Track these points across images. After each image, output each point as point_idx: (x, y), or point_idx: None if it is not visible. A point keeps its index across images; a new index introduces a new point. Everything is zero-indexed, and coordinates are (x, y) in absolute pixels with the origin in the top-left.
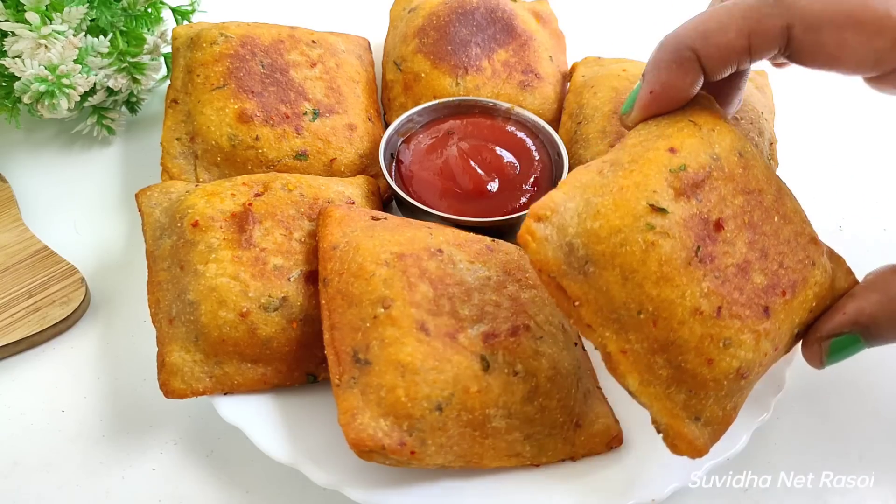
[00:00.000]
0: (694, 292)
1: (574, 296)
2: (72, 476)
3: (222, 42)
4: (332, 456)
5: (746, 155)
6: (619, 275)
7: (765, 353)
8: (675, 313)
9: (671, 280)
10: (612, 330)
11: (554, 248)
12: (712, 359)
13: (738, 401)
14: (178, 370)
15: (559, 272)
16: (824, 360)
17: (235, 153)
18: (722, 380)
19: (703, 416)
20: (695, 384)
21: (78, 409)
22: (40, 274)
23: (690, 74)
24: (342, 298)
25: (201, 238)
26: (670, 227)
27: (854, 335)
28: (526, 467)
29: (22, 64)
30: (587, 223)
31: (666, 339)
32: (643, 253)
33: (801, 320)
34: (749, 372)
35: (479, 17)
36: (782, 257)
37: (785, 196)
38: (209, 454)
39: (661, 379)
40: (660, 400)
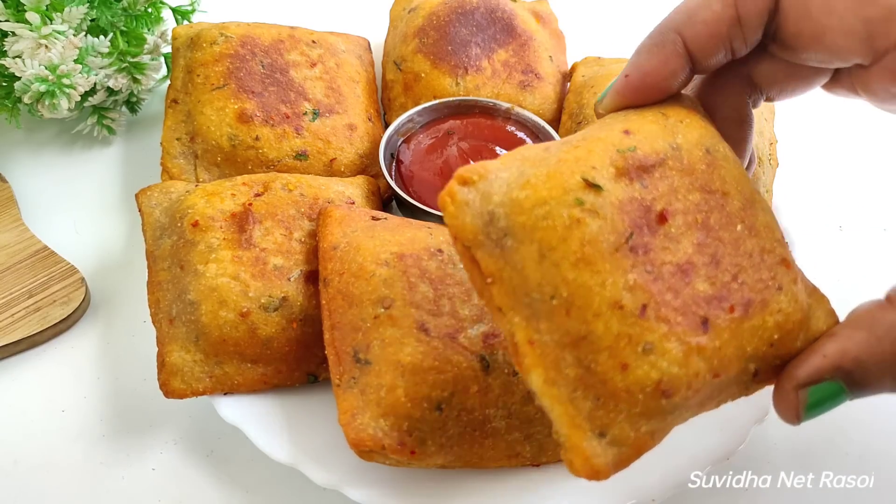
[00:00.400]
0: (617, 282)
1: (487, 271)
2: (72, 475)
3: (222, 42)
4: (332, 456)
5: (716, 153)
6: (536, 251)
7: (697, 374)
8: (592, 303)
9: (592, 264)
10: (522, 315)
11: (473, 215)
12: (627, 364)
13: (658, 427)
14: (179, 370)
15: (475, 242)
16: (801, 414)
17: (235, 153)
18: (636, 392)
19: (610, 432)
20: (604, 391)
21: (78, 409)
22: (40, 274)
23: (672, 60)
24: (342, 298)
25: (201, 238)
26: (602, 207)
27: (836, 383)
28: (526, 467)
29: (22, 64)
30: (514, 192)
31: (578, 333)
32: (565, 229)
33: (755, 352)
34: (673, 391)
35: (479, 17)
36: (738, 270)
37: (758, 209)
38: (209, 454)
39: (567, 379)
40: (562, 404)
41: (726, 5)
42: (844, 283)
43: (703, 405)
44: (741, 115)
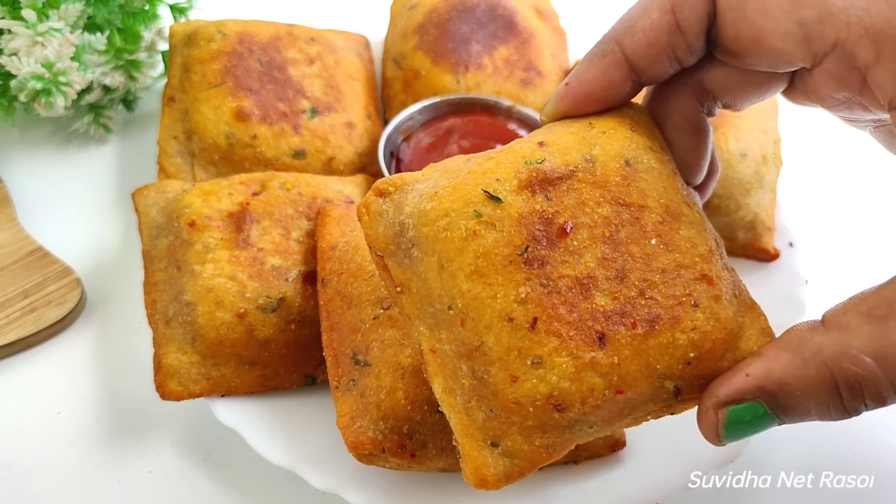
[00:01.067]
0: (508, 295)
1: (397, 280)
2: (67, 478)
3: (219, 39)
4: (331, 459)
5: (637, 165)
6: (436, 262)
7: (591, 389)
8: (484, 315)
9: (485, 276)
10: (427, 325)
11: (386, 225)
12: (517, 376)
13: (555, 441)
14: (175, 372)
15: (386, 251)
16: (721, 433)
17: (233, 152)
18: (527, 405)
19: (503, 444)
20: (496, 403)
21: (74, 411)
22: (36, 274)
23: (612, 70)
24: (341, 299)
25: (198, 238)
26: (500, 219)
27: (758, 404)
28: None
29: (18, 62)
30: (423, 204)
31: (472, 344)
32: (462, 241)
33: (668, 370)
34: (566, 406)
35: (480, 14)
36: (647, 286)
37: (682, 223)
38: (206, 457)
39: (463, 389)
40: (458, 413)
41: (664, 12)
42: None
43: (612, 422)
44: (694, 123)
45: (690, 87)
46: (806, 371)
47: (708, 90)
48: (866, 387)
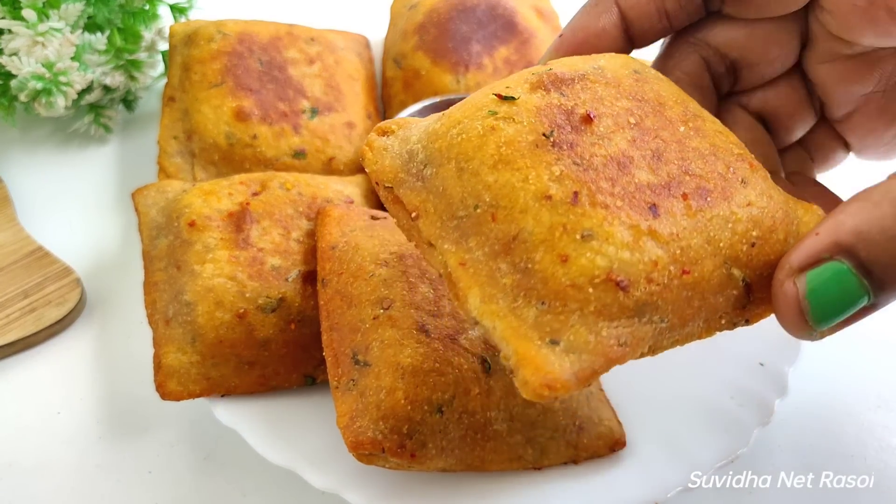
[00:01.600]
0: (541, 175)
1: (411, 206)
2: (67, 478)
3: (219, 39)
4: (331, 459)
5: (646, 75)
6: (454, 167)
7: (654, 262)
8: (517, 200)
9: (511, 162)
10: (451, 240)
11: (392, 157)
12: (567, 255)
13: (627, 333)
14: (175, 372)
15: (395, 181)
16: (806, 309)
17: (233, 152)
18: (584, 285)
19: (564, 338)
20: (548, 292)
21: (74, 411)
22: (35, 274)
23: (603, 14)
24: (341, 299)
25: (198, 238)
26: (517, 113)
27: (839, 263)
28: (528, 471)
29: (19, 61)
30: (430, 127)
31: (508, 234)
32: (480, 138)
33: (733, 251)
34: (630, 283)
35: (481, 14)
36: (687, 163)
37: (705, 119)
38: (206, 457)
39: (505, 289)
40: (503, 318)
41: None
42: None
43: (684, 317)
44: (697, 81)
45: (695, 45)
46: (879, 212)
47: (714, 48)
48: None
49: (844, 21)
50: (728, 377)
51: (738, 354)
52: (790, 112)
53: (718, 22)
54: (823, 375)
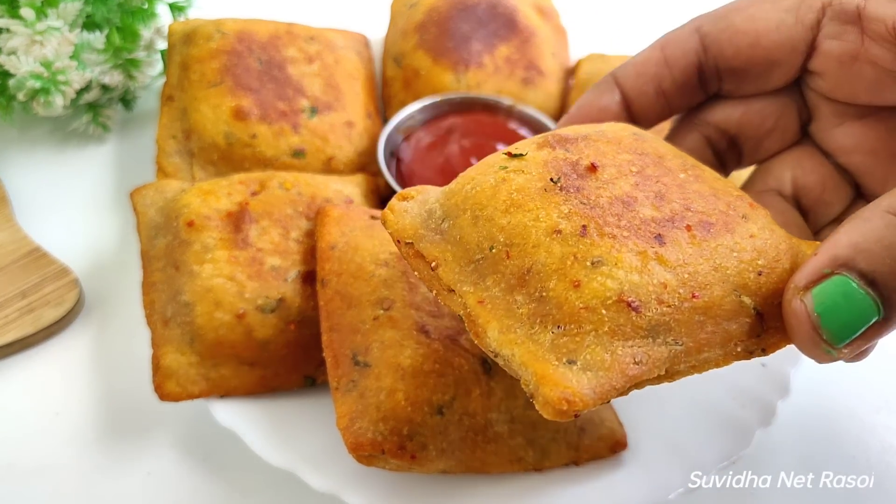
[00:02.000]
0: (550, 214)
1: (431, 257)
2: (66, 479)
3: (218, 38)
4: (331, 460)
5: (645, 135)
6: (470, 217)
7: (664, 284)
8: (529, 237)
9: (522, 205)
10: (469, 283)
11: (412, 217)
12: (579, 280)
13: (641, 352)
14: (174, 373)
15: (416, 237)
16: (816, 322)
17: (232, 151)
18: (598, 307)
19: (581, 358)
20: (562, 316)
21: (72, 412)
22: (33, 275)
23: (605, 93)
24: (341, 299)
25: (196, 238)
26: (526, 166)
27: (842, 277)
28: (529, 472)
29: (17, 60)
30: (447, 187)
31: (522, 268)
32: (493, 188)
33: (741, 279)
34: (641, 303)
35: (481, 13)
36: (688, 202)
37: (704, 169)
38: (205, 458)
39: (522, 319)
40: (521, 344)
41: (654, 49)
42: None
43: (699, 341)
44: (701, 157)
45: (696, 124)
46: (871, 225)
47: (714, 126)
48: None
49: (835, 81)
50: (730, 378)
51: None
52: (820, 190)
53: (717, 102)
54: (825, 376)
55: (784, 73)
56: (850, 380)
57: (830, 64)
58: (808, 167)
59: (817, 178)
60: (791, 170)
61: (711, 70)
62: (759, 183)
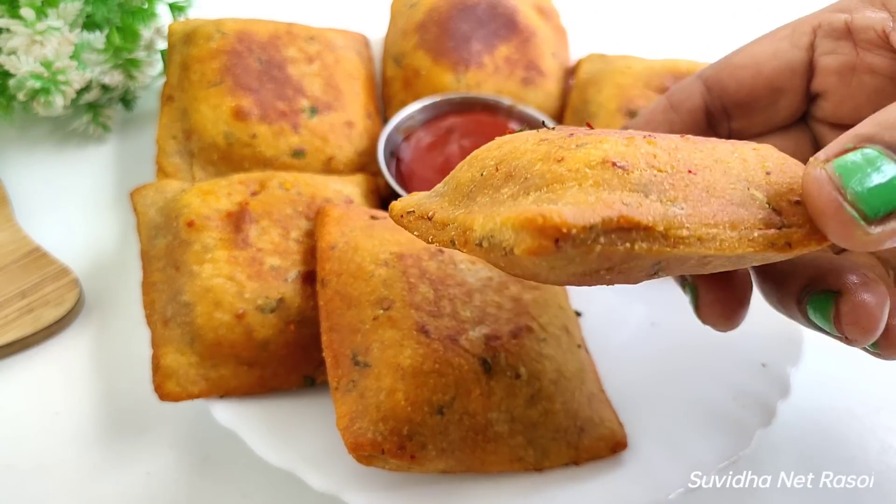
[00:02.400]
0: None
1: (429, 211)
2: (66, 479)
3: (218, 38)
4: (330, 461)
5: None
6: (466, 165)
7: (653, 154)
8: (518, 150)
9: (514, 139)
10: (462, 208)
11: (417, 197)
12: (563, 157)
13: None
14: (173, 373)
15: (417, 205)
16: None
17: (232, 151)
18: (582, 167)
19: (562, 200)
20: (544, 182)
21: (72, 412)
22: (33, 275)
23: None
24: (341, 300)
25: (196, 238)
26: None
27: (865, 149)
28: (528, 472)
29: (17, 60)
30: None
31: (509, 170)
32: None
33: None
34: (628, 165)
35: (481, 13)
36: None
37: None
38: (205, 458)
39: (505, 202)
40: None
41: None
42: None
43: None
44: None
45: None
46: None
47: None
48: None
49: (838, 99)
50: (730, 378)
51: (740, 355)
52: None
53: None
54: (826, 376)
55: (790, 102)
56: (852, 380)
57: (831, 80)
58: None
59: None
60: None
61: (718, 109)
62: None
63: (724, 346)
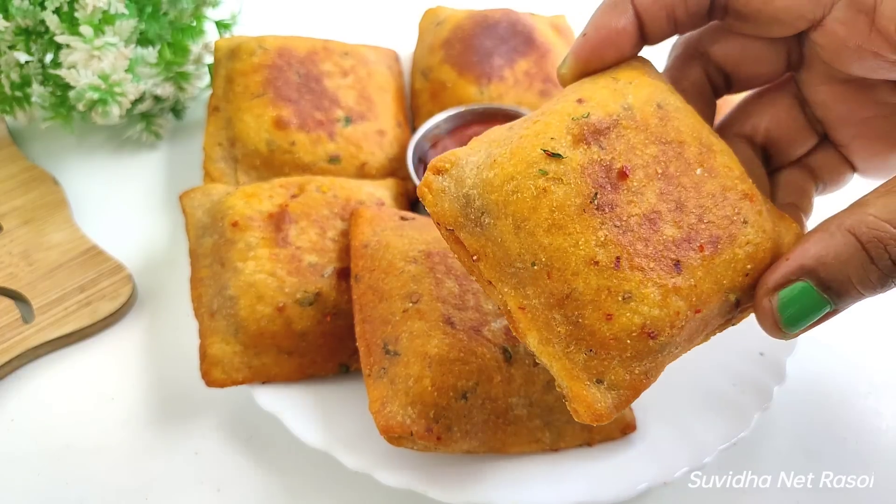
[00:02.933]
0: (588, 241)
1: (472, 249)
2: (120, 459)
3: (260, 53)
4: (363, 442)
5: (667, 107)
6: (511, 224)
7: (677, 313)
8: (569, 263)
9: (563, 228)
10: (510, 285)
11: (451, 200)
12: (611, 314)
13: (651, 367)
14: (219, 361)
15: (456, 224)
16: (778, 319)
17: (273, 157)
18: (624, 338)
19: (607, 378)
20: (594, 342)
21: (126, 397)
22: (90, 271)
23: (622, 15)
24: (373, 293)
25: (241, 237)
26: (564, 173)
27: (805, 283)
28: (545, 452)
29: (76, 74)
30: (483, 173)
31: (561, 293)
32: (534, 199)
33: (732, 283)
34: (657, 331)
35: (502, 30)
36: (703, 211)
37: (715, 151)
38: (248, 439)
39: (559, 337)
40: (559, 360)
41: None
42: None
43: (691, 340)
44: (700, 89)
45: (699, 56)
46: (834, 241)
47: (713, 60)
48: (889, 246)
49: (835, 55)
50: (731, 366)
51: (740, 346)
52: (789, 135)
53: (719, 34)
54: (819, 365)
55: (784, 31)
56: (843, 368)
57: (831, 41)
58: (783, 117)
59: (789, 126)
60: (767, 118)
61: (720, 5)
62: (736, 126)
63: (725, 337)
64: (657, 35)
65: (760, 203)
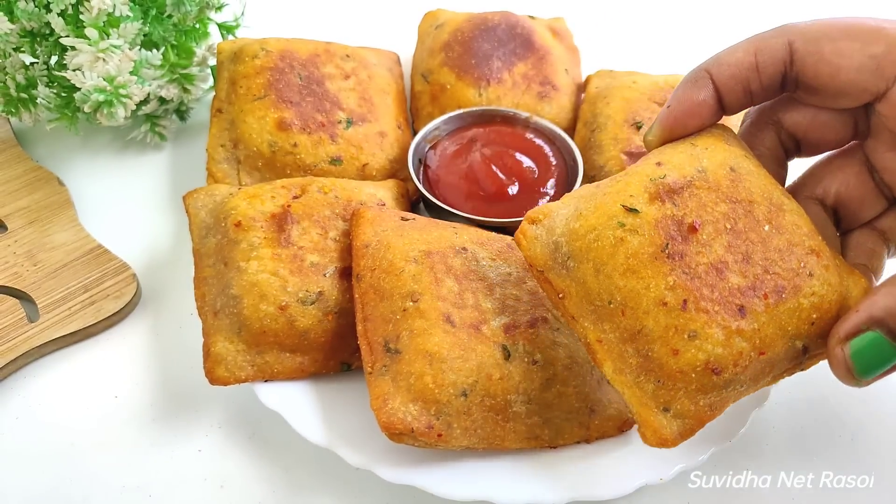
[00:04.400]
0: (658, 284)
1: (558, 288)
2: (124, 456)
3: (263, 56)
4: (365, 438)
5: (740, 170)
6: (592, 267)
7: (740, 353)
8: (641, 303)
9: (637, 272)
10: (590, 320)
11: (542, 246)
12: (678, 349)
13: (716, 400)
14: (222, 359)
15: (546, 266)
16: (852, 366)
17: (275, 158)
18: (689, 371)
19: (673, 407)
20: (662, 374)
21: (130, 395)
22: (95, 270)
23: (702, 89)
24: (374, 293)
25: (243, 237)
26: (640, 226)
27: (875, 333)
28: (544, 449)
29: (82, 76)
30: (571, 224)
31: (634, 329)
32: (612, 247)
33: (797, 331)
34: (721, 368)
35: (501, 33)
36: (768, 263)
37: (784, 210)
38: (251, 437)
39: (631, 367)
40: (630, 388)
41: (747, 53)
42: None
43: (757, 380)
44: (774, 153)
45: (772, 123)
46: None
47: (785, 127)
48: None
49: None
50: None
51: None
52: (859, 198)
53: (790, 104)
54: (819, 364)
55: (850, 103)
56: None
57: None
58: (852, 181)
59: (858, 190)
60: (837, 183)
61: (791, 80)
62: (807, 188)
63: None
64: (735, 106)
65: (828, 258)
